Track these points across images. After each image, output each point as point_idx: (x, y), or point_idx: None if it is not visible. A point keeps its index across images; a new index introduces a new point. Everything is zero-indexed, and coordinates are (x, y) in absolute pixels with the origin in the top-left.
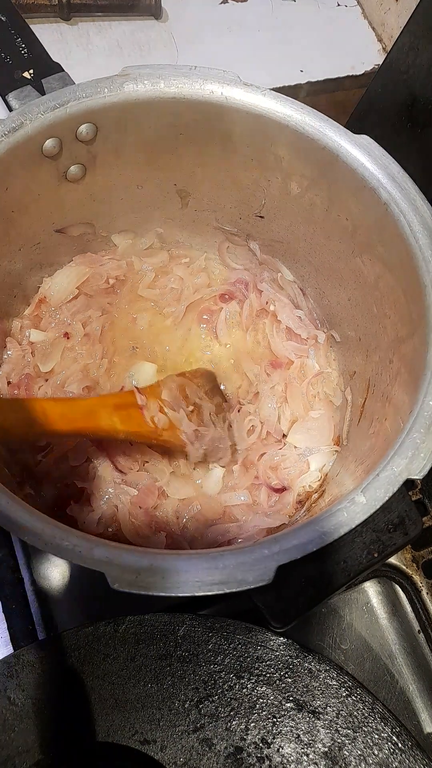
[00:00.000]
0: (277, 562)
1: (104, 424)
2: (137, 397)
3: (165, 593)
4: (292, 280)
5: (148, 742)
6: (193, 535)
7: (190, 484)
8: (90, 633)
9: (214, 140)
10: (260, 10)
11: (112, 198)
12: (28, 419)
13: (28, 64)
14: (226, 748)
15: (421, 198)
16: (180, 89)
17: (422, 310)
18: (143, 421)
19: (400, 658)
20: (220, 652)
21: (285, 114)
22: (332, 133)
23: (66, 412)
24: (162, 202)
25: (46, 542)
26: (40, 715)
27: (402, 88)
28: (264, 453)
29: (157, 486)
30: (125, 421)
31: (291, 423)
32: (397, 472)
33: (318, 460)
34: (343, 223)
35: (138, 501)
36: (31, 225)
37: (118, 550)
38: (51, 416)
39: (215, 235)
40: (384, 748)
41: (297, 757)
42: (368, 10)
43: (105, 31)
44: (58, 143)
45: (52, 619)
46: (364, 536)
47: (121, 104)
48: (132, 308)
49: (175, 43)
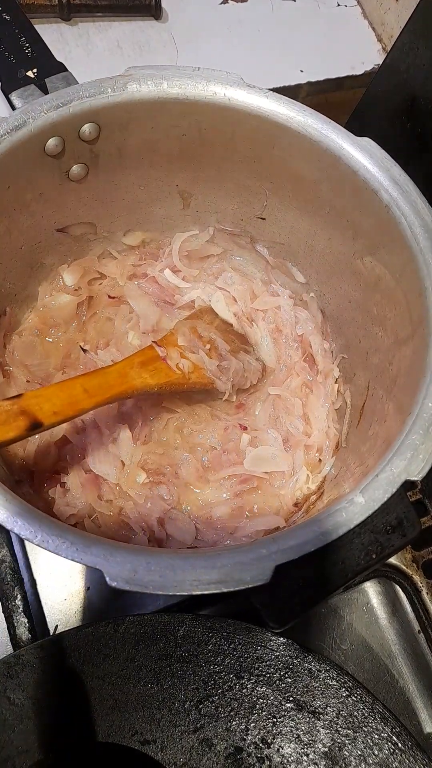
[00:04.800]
0: (275, 561)
1: (137, 383)
2: (157, 350)
3: (162, 591)
4: (305, 282)
5: (148, 743)
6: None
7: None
8: (90, 633)
9: (217, 141)
10: (260, 10)
11: (114, 198)
12: (72, 399)
13: (31, 63)
14: (226, 749)
15: (422, 200)
16: (183, 90)
17: (422, 313)
18: (170, 371)
19: (400, 658)
20: (220, 653)
21: (287, 116)
22: (334, 135)
23: (102, 382)
24: (163, 202)
25: (44, 540)
26: (40, 715)
27: (402, 88)
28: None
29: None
30: (154, 375)
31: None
32: (396, 473)
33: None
34: (344, 225)
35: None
36: (33, 224)
37: (116, 547)
38: (90, 390)
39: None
40: (384, 748)
41: (297, 757)
42: (368, 10)
43: (105, 31)
44: (61, 142)
45: (52, 620)
46: (363, 537)
47: (125, 104)
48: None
49: (175, 43)
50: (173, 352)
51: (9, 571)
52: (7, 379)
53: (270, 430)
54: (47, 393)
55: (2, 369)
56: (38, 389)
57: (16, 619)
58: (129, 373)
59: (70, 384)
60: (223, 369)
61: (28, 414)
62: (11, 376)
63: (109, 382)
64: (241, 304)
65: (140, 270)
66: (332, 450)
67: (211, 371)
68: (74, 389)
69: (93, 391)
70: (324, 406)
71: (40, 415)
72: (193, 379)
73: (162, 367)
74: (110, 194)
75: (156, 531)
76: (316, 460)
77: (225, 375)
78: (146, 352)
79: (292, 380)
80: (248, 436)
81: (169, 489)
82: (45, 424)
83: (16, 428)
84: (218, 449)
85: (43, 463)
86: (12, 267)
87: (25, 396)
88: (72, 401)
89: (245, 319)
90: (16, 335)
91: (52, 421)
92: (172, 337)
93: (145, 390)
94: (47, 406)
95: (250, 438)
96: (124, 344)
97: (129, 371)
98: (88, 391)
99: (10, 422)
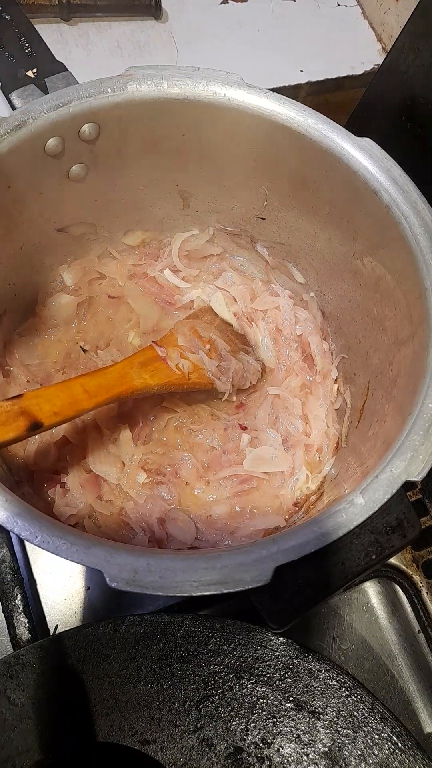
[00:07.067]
0: (275, 562)
1: (137, 383)
2: (157, 350)
3: (163, 592)
4: (304, 282)
5: (148, 742)
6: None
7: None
8: (90, 633)
9: (217, 141)
10: (260, 10)
11: (114, 198)
12: (72, 399)
13: (31, 63)
14: (226, 748)
15: (422, 201)
16: (183, 90)
17: (422, 313)
18: (170, 371)
19: (400, 658)
20: (220, 653)
21: (288, 116)
22: (334, 136)
23: (102, 382)
24: (163, 202)
25: (44, 540)
26: (40, 715)
27: (402, 88)
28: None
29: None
30: (154, 375)
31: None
32: (396, 474)
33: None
34: (344, 225)
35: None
36: (33, 224)
37: (116, 548)
38: (90, 390)
39: (217, 236)
40: (384, 748)
41: (297, 757)
42: (368, 10)
43: (105, 31)
44: (61, 142)
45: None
46: (363, 538)
47: (125, 104)
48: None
49: (175, 43)
50: (173, 353)
51: (9, 571)
52: (7, 379)
53: (269, 430)
54: (47, 393)
55: (2, 369)
56: (38, 389)
57: (16, 619)
58: (129, 373)
59: (70, 384)
60: (223, 369)
61: (28, 414)
62: (11, 376)
63: (109, 383)
64: (241, 304)
65: (140, 270)
66: (332, 450)
67: (211, 371)
68: (74, 389)
69: (93, 392)
70: (323, 406)
71: (41, 416)
72: (193, 379)
73: (162, 367)
74: (110, 194)
75: (156, 531)
76: (315, 460)
77: (225, 375)
78: (146, 352)
79: (292, 380)
80: (248, 436)
81: (169, 489)
82: (45, 424)
83: (16, 428)
84: (218, 449)
85: (43, 463)
86: (12, 267)
87: (25, 396)
88: (72, 401)
89: (245, 319)
90: (16, 335)
91: (52, 421)
92: (172, 337)
93: (145, 390)
94: (47, 406)
95: (250, 438)
96: (124, 344)
97: (129, 371)
98: (88, 391)
99: (10, 422)
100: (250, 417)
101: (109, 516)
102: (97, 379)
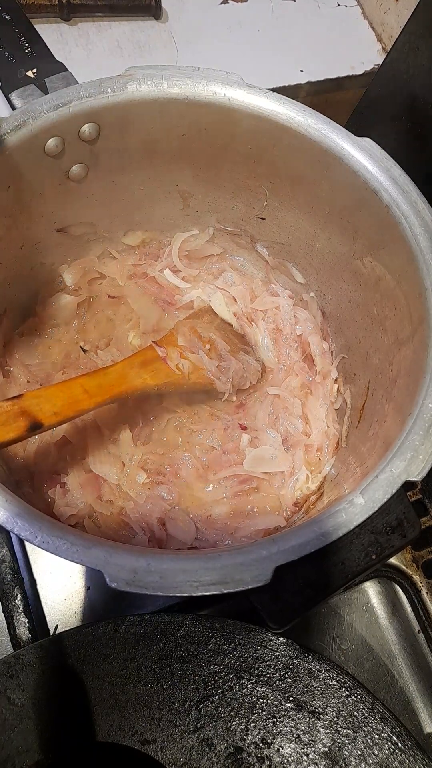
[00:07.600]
0: (275, 562)
1: (137, 383)
2: (157, 350)
3: (163, 593)
4: (304, 282)
5: (148, 742)
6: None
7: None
8: (90, 633)
9: (217, 141)
10: (260, 10)
11: (114, 198)
12: (72, 399)
13: (31, 63)
14: (226, 748)
15: (422, 201)
16: (183, 90)
17: (422, 313)
18: (170, 371)
19: (400, 658)
20: (220, 653)
21: (288, 116)
22: (334, 136)
23: (102, 382)
24: (163, 202)
25: (44, 540)
26: (40, 715)
27: (402, 88)
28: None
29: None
30: (154, 375)
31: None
32: (396, 474)
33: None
34: (344, 225)
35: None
36: (33, 224)
37: (116, 548)
38: (90, 390)
39: (217, 236)
40: (384, 748)
41: (297, 757)
42: (368, 10)
43: (105, 31)
44: (61, 142)
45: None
46: (363, 538)
47: (124, 104)
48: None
49: (175, 43)
50: (173, 353)
51: (9, 571)
52: (7, 379)
53: (269, 430)
54: (47, 393)
55: (2, 369)
56: (38, 389)
57: (16, 619)
58: (129, 373)
59: (70, 384)
60: (223, 369)
61: (28, 414)
62: (11, 376)
63: (109, 383)
64: (241, 304)
65: (140, 270)
66: (332, 450)
67: (210, 371)
68: (74, 389)
69: (93, 392)
70: (323, 406)
71: (40, 416)
72: (193, 379)
73: (162, 367)
74: (110, 194)
75: (156, 531)
76: (315, 460)
77: (225, 375)
78: (146, 352)
79: (292, 380)
80: (248, 436)
81: (169, 489)
82: (45, 424)
83: (16, 429)
84: (218, 449)
85: (43, 463)
86: (12, 267)
87: (25, 396)
88: (72, 402)
89: (245, 319)
90: (16, 335)
91: (52, 421)
92: (172, 337)
93: (145, 390)
94: (47, 406)
95: (249, 438)
96: (124, 344)
97: (129, 371)
98: (88, 391)
99: (10, 423)
100: (250, 417)
101: (109, 516)
102: (97, 379)
